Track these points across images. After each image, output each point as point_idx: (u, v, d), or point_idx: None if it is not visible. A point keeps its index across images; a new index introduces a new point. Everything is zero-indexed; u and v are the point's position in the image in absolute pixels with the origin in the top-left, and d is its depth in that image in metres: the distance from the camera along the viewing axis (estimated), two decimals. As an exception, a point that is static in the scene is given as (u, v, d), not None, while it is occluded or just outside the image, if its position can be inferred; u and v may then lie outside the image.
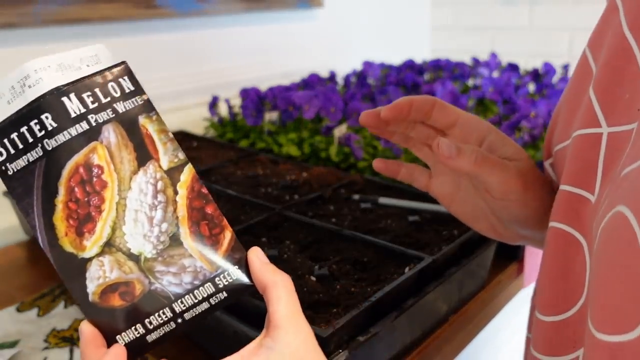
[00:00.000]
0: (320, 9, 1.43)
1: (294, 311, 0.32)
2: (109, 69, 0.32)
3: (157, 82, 1.07)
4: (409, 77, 1.18)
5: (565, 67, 1.24)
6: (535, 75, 1.20)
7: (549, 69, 1.19)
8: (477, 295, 0.63)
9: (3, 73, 0.31)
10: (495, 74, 1.28)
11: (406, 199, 0.68)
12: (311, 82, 1.17)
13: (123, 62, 0.32)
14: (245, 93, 1.05)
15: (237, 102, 1.10)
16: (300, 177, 0.80)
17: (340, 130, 0.88)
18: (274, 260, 0.53)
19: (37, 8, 0.86)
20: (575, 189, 0.34)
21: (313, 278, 0.51)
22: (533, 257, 0.70)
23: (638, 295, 0.24)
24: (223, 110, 1.14)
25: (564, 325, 0.34)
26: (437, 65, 1.30)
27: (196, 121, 1.13)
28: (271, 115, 0.99)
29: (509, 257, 0.70)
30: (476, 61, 1.31)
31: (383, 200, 0.68)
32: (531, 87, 1.16)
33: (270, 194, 0.74)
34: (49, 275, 0.71)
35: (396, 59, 1.48)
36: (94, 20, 0.94)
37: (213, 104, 1.09)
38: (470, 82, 1.26)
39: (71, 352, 0.54)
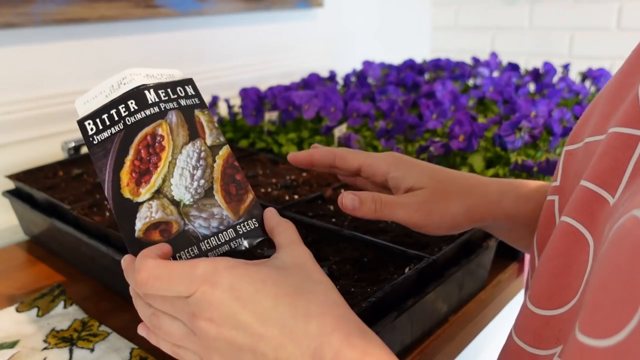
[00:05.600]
0: (320, 9, 1.43)
1: (294, 239, 0.38)
2: (180, 80, 0.43)
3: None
4: (409, 77, 1.17)
5: (566, 67, 1.24)
6: (535, 75, 1.20)
7: (549, 69, 1.19)
8: (477, 295, 0.63)
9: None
10: (496, 74, 1.28)
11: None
12: (311, 82, 1.17)
13: (190, 78, 0.44)
14: (245, 93, 1.05)
15: (237, 102, 1.10)
16: (300, 177, 0.80)
17: (340, 130, 0.87)
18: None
19: (36, 8, 0.86)
20: (597, 188, 0.33)
21: (313, 278, 0.51)
22: (533, 257, 0.70)
23: (626, 303, 0.23)
24: (223, 110, 1.14)
25: (553, 321, 0.34)
26: (437, 65, 1.30)
27: (196, 121, 1.12)
28: (271, 115, 0.99)
29: (509, 257, 0.69)
30: (476, 61, 1.31)
31: (383, 200, 0.68)
32: (531, 87, 1.16)
33: (270, 194, 0.74)
34: (49, 275, 0.71)
35: (396, 59, 1.48)
36: (93, 19, 0.94)
37: (213, 104, 1.08)
38: (471, 82, 1.25)
39: (71, 352, 0.54)
